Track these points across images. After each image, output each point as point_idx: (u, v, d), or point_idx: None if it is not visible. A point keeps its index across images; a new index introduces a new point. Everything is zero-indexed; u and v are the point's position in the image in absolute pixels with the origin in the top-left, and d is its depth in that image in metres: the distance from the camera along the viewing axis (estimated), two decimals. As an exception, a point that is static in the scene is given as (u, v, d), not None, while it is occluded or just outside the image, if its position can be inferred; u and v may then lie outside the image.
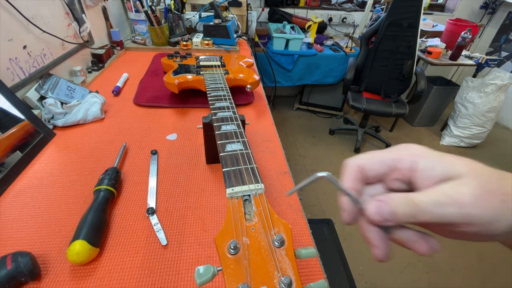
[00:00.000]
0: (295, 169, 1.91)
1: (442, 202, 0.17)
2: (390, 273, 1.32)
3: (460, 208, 0.17)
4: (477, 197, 0.17)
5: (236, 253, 0.24)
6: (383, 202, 0.19)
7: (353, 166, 0.22)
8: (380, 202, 0.19)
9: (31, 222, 0.44)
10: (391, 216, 0.19)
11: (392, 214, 0.19)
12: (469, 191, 0.17)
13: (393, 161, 0.21)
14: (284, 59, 1.99)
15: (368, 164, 0.22)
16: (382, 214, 0.19)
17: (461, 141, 2.19)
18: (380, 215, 0.19)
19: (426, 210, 0.18)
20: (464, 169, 0.18)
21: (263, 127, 0.72)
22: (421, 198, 0.18)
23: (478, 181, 0.18)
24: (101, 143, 0.63)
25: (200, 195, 0.51)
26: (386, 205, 0.19)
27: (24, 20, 0.68)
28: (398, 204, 0.19)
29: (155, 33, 1.18)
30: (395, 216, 0.19)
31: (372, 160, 0.22)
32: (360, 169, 0.22)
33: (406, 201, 0.19)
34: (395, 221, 0.19)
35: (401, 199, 0.19)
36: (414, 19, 1.61)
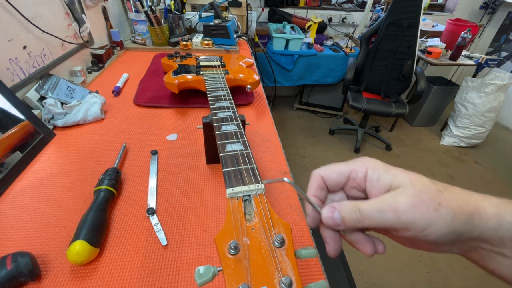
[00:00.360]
0: (295, 169, 1.91)
1: (382, 209, 0.20)
2: (390, 273, 1.32)
3: (396, 214, 0.20)
4: (412, 205, 0.19)
5: (236, 253, 0.24)
6: (335, 208, 0.22)
7: (317, 176, 0.25)
8: (333, 208, 0.22)
9: (31, 222, 0.44)
10: (341, 221, 0.22)
11: (341, 220, 0.22)
12: (405, 200, 0.20)
13: (349, 172, 0.24)
14: (284, 59, 1.99)
15: (328, 175, 0.25)
16: (334, 219, 0.22)
17: (461, 141, 2.19)
18: (332, 220, 0.22)
19: (368, 216, 0.21)
20: (405, 180, 0.21)
21: (263, 127, 0.72)
22: (365, 206, 0.21)
23: (414, 191, 0.20)
24: (101, 143, 0.63)
25: (200, 195, 0.51)
26: (337, 212, 0.22)
27: (24, 20, 0.68)
28: (347, 211, 0.22)
29: (155, 33, 1.18)
30: (344, 221, 0.22)
31: (332, 171, 0.25)
32: (321, 179, 0.25)
33: (352, 209, 0.21)
34: (345, 226, 0.22)
35: (349, 207, 0.22)
36: (414, 19, 1.61)
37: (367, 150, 2.15)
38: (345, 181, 0.25)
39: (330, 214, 0.22)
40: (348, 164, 0.25)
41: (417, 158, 2.10)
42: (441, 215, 0.19)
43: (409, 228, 0.20)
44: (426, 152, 2.18)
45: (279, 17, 2.19)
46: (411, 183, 0.21)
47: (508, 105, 2.49)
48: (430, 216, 0.19)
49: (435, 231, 0.19)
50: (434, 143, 2.29)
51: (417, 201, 0.20)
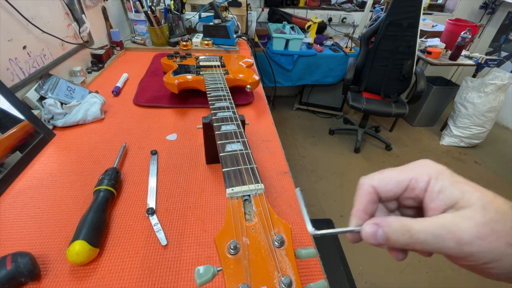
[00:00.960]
0: (295, 169, 1.91)
1: (439, 234, 0.17)
2: (390, 273, 1.32)
3: (458, 244, 0.16)
4: (480, 236, 0.16)
5: (236, 253, 0.24)
6: (378, 226, 0.19)
7: (368, 188, 0.21)
8: (376, 226, 0.19)
9: (30, 223, 0.44)
10: (385, 241, 0.19)
11: (386, 240, 0.19)
12: (471, 228, 0.16)
13: (409, 181, 0.20)
14: (284, 59, 1.99)
15: (383, 186, 0.21)
16: (376, 238, 0.19)
17: (461, 141, 2.19)
18: (374, 238, 0.19)
19: (421, 241, 0.17)
20: (476, 201, 0.17)
21: (263, 127, 0.72)
22: (418, 228, 0.18)
23: (485, 218, 0.17)
24: (101, 143, 0.63)
25: (200, 195, 0.51)
26: (381, 230, 0.19)
27: (24, 20, 0.68)
28: (394, 231, 0.18)
29: (155, 34, 1.18)
30: (389, 241, 0.19)
31: (388, 180, 0.21)
32: (374, 191, 0.21)
33: (402, 229, 0.18)
34: (389, 246, 0.19)
35: (397, 226, 0.18)
36: (414, 19, 1.61)
37: (367, 150, 2.15)
38: (402, 192, 0.21)
39: (373, 231, 0.19)
40: (407, 171, 0.21)
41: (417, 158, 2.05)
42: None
43: (471, 259, 0.17)
44: (426, 152, 2.18)
45: (279, 17, 2.19)
46: (484, 207, 0.17)
47: (508, 105, 2.49)
48: (500, 251, 0.16)
49: (502, 267, 0.16)
50: (434, 143, 2.29)
51: (487, 232, 0.16)
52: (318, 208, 1.62)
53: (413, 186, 0.20)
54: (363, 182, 0.22)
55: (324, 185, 1.79)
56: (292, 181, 0.56)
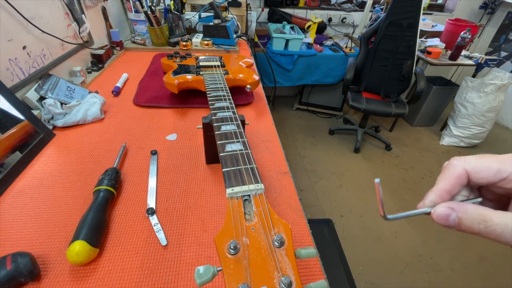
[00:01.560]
0: (295, 169, 1.91)
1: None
2: (390, 273, 1.32)
3: None
4: None
5: (236, 253, 0.24)
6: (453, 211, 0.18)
7: (459, 171, 0.20)
8: (450, 210, 0.18)
9: (30, 223, 0.44)
10: (456, 226, 0.18)
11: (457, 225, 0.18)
12: None
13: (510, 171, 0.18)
14: (283, 59, 1.99)
15: (478, 172, 0.19)
16: (448, 221, 0.18)
17: (460, 141, 2.19)
18: (445, 220, 0.19)
19: (497, 234, 0.17)
20: None
21: (263, 127, 0.72)
22: (497, 220, 0.17)
23: None
24: (101, 144, 0.63)
25: (200, 195, 0.51)
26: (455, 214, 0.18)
27: (23, 20, 0.68)
28: (469, 218, 0.18)
29: (155, 34, 1.18)
30: (460, 227, 0.18)
31: (485, 168, 0.19)
32: (466, 175, 0.20)
33: (479, 217, 0.17)
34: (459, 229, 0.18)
35: (474, 214, 0.18)
36: (414, 19, 1.61)
37: (367, 150, 2.15)
38: (498, 181, 0.19)
39: (446, 213, 0.18)
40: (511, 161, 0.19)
41: (417, 158, 2.10)
42: None
43: None
44: (426, 152, 2.18)
45: (278, 17, 2.19)
46: None
47: (507, 105, 2.49)
48: None
49: None
50: (434, 143, 2.29)
51: None
52: (318, 208, 1.62)
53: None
54: (456, 163, 0.20)
55: (324, 185, 1.79)
56: (292, 181, 0.56)
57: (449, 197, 0.20)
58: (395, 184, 1.82)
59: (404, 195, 1.75)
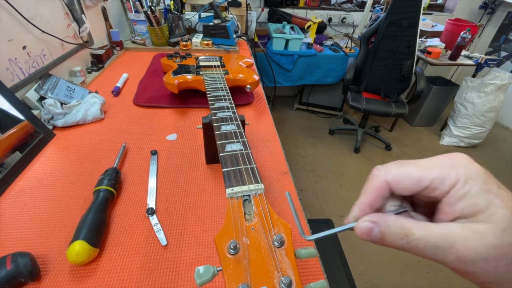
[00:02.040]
0: (294, 169, 1.91)
1: (440, 246, 0.15)
2: (390, 273, 1.32)
3: (458, 261, 0.15)
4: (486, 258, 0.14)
5: (236, 253, 0.24)
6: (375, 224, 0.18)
7: (380, 182, 0.19)
8: (372, 224, 0.18)
9: (30, 223, 0.44)
10: (379, 241, 0.18)
11: (380, 240, 0.18)
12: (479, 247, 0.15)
13: (432, 180, 0.17)
14: (283, 59, 1.99)
15: (399, 182, 0.19)
16: (371, 236, 0.18)
17: (460, 141, 2.19)
18: (368, 236, 0.18)
19: (419, 248, 0.16)
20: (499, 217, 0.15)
21: (262, 127, 0.72)
22: (419, 234, 0.16)
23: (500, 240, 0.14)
24: (101, 144, 0.63)
25: (200, 195, 0.51)
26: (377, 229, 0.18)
27: (23, 20, 0.68)
28: (391, 233, 0.17)
29: (155, 34, 1.18)
30: (383, 242, 0.18)
31: (406, 177, 0.18)
32: (387, 186, 0.19)
33: (400, 232, 0.17)
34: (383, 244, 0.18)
35: (396, 228, 0.17)
36: (414, 19, 1.61)
37: (367, 150, 2.15)
38: (420, 191, 0.18)
39: (368, 228, 0.18)
40: (432, 167, 0.18)
41: (417, 158, 2.07)
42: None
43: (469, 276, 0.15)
44: (426, 152, 2.18)
45: (278, 17, 2.19)
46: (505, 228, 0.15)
47: (507, 105, 2.49)
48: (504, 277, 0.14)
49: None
50: (434, 143, 2.29)
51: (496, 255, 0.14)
52: (318, 208, 1.62)
53: (435, 187, 0.17)
54: (377, 173, 0.19)
55: (324, 185, 1.79)
56: (292, 181, 0.56)
57: (371, 210, 0.19)
58: (395, 184, 1.82)
59: (404, 195, 1.75)
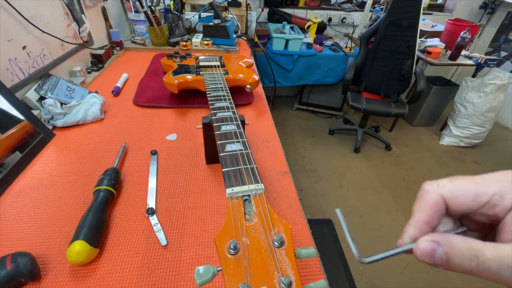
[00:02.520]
0: (294, 169, 1.91)
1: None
2: (390, 273, 1.32)
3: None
4: None
5: (236, 253, 0.24)
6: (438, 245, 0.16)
7: (435, 197, 0.18)
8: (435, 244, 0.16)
9: (30, 223, 0.44)
10: (443, 263, 0.16)
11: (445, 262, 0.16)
12: None
13: (492, 196, 0.16)
14: (283, 59, 1.99)
15: (455, 197, 0.17)
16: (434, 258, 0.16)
17: (460, 141, 2.19)
18: (430, 258, 0.16)
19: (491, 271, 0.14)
20: None
21: (262, 127, 0.72)
22: (491, 255, 0.14)
23: None
24: (101, 144, 0.63)
25: (200, 195, 0.51)
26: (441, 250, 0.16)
27: (23, 20, 0.68)
28: (458, 254, 0.15)
29: (155, 34, 1.18)
30: (449, 265, 0.16)
31: (463, 193, 0.17)
32: (443, 201, 0.18)
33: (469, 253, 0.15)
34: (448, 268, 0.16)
35: (463, 249, 0.15)
36: (414, 19, 1.61)
37: (367, 150, 2.15)
38: (478, 208, 0.17)
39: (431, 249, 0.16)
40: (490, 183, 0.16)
41: (417, 158, 2.10)
42: None
43: None
44: (426, 152, 2.18)
45: (278, 17, 2.19)
46: None
47: (507, 105, 2.49)
48: None
49: None
50: (433, 143, 2.29)
51: None
52: (318, 208, 1.62)
53: (495, 203, 0.16)
54: (430, 188, 0.18)
55: (324, 185, 1.79)
56: (292, 181, 0.56)
57: (429, 229, 0.18)
58: (394, 184, 1.82)
59: (404, 195, 1.75)
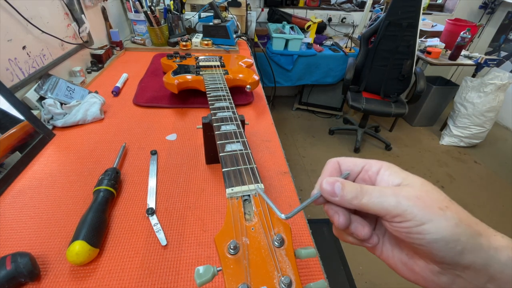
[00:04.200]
0: (294, 169, 1.91)
1: (384, 192, 0.20)
2: (390, 273, 1.31)
3: (397, 199, 0.19)
4: (416, 196, 0.19)
5: (236, 253, 0.24)
6: (337, 181, 0.22)
7: (332, 162, 0.26)
8: (335, 179, 0.23)
9: (30, 223, 0.44)
10: (339, 190, 0.22)
11: (340, 190, 0.22)
12: (411, 191, 0.20)
13: (364, 163, 0.25)
14: (283, 59, 1.99)
15: (343, 163, 0.26)
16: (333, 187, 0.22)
17: (460, 141, 2.19)
18: (331, 186, 0.22)
19: (369, 194, 0.21)
20: (416, 181, 0.21)
21: (262, 127, 0.72)
22: (369, 187, 0.21)
23: (423, 188, 0.20)
24: (101, 144, 0.63)
25: (199, 195, 0.51)
26: (339, 183, 0.22)
27: (23, 20, 0.68)
28: (348, 185, 0.22)
29: (155, 34, 1.18)
30: (342, 192, 0.22)
31: (347, 160, 0.26)
32: (338, 164, 0.26)
33: (355, 185, 0.22)
34: (342, 198, 0.22)
35: (352, 183, 0.22)
36: (414, 19, 1.61)
37: (367, 150, 2.15)
38: (358, 171, 0.25)
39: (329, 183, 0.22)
40: (364, 159, 0.26)
41: (417, 158, 2.10)
42: (446, 215, 0.18)
43: (407, 217, 0.19)
44: (425, 152, 2.18)
45: (278, 17, 2.19)
46: (422, 184, 0.21)
47: (507, 104, 2.49)
48: (433, 213, 0.18)
49: (436, 229, 0.18)
50: (433, 143, 2.29)
51: (423, 195, 0.19)
52: (318, 208, 1.62)
53: (367, 169, 0.25)
54: (329, 160, 0.26)
55: (324, 185, 1.79)
56: (292, 181, 0.56)
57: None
58: (395, 184, 1.82)
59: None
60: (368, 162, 0.25)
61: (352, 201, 0.21)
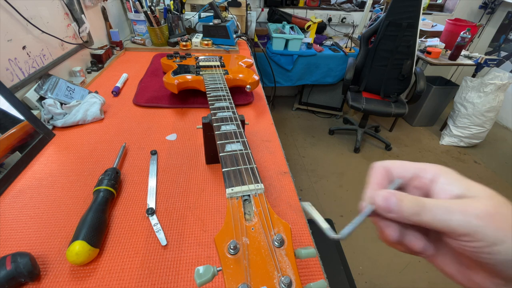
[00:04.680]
0: (294, 169, 1.91)
1: (450, 208, 0.18)
2: (390, 273, 1.32)
3: (466, 217, 0.17)
4: (487, 213, 0.17)
5: (236, 253, 0.24)
6: (393, 194, 0.20)
7: (380, 168, 0.23)
8: (391, 194, 0.20)
9: (30, 223, 0.44)
10: (396, 207, 0.19)
11: (397, 206, 0.19)
12: (481, 207, 0.17)
13: (417, 169, 0.22)
14: (283, 59, 1.99)
15: (393, 167, 0.23)
16: (388, 202, 0.20)
17: (460, 141, 2.19)
18: (386, 202, 0.20)
19: (431, 211, 0.18)
20: (481, 192, 0.19)
21: (262, 127, 0.72)
22: (431, 201, 0.19)
23: (492, 202, 0.18)
24: (101, 144, 0.63)
25: (199, 195, 0.51)
26: (395, 198, 0.20)
27: (23, 20, 0.68)
28: (406, 200, 0.19)
29: (155, 34, 1.18)
30: (400, 208, 0.19)
31: (398, 164, 0.23)
32: (386, 170, 0.23)
33: (414, 199, 0.19)
34: (399, 214, 0.19)
35: (410, 197, 0.20)
36: (413, 19, 1.61)
37: (367, 150, 2.15)
38: (409, 177, 0.22)
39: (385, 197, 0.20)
40: (417, 163, 0.23)
41: (417, 158, 2.10)
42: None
43: (477, 237, 0.17)
44: (425, 152, 2.18)
45: (278, 17, 2.19)
46: (490, 197, 0.18)
47: (507, 104, 2.49)
48: (505, 234, 0.16)
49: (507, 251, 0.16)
50: (433, 143, 2.29)
51: (494, 211, 0.17)
52: (318, 208, 1.60)
53: (421, 175, 0.22)
54: (375, 164, 0.23)
55: (324, 185, 1.79)
56: (292, 181, 0.56)
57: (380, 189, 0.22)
58: (395, 184, 1.82)
59: (404, 195, 1.75)
60: (421, 168, 0.22)
61: (411, 218, 0.19)
